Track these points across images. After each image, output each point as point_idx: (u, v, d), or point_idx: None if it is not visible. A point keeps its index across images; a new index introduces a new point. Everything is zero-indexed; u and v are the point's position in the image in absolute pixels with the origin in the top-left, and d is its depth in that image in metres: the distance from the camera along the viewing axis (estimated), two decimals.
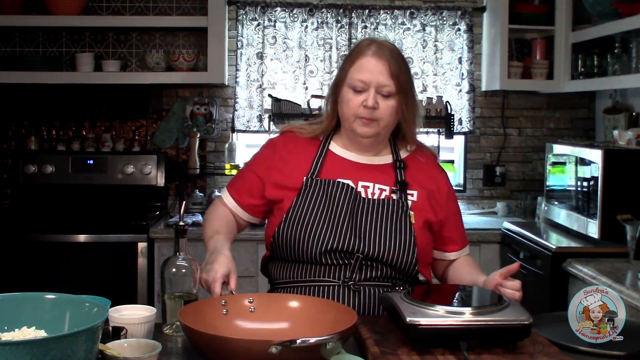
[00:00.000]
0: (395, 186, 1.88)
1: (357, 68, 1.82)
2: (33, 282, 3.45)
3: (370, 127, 1.84)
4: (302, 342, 1.29)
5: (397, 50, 1.87)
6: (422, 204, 1.88)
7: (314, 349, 1.31)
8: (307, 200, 1.85)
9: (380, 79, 1.80)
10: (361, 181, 1.88)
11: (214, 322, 1.53)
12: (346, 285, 1.79)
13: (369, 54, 1.82)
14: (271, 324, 1.59)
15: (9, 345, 1.14)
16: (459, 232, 1.99)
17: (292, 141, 1.96)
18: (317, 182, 1.87)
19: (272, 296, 1.78)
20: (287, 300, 1.65)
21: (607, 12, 3.48)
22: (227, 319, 1.57)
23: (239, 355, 1.33)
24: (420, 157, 1.96)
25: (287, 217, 1.84)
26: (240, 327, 1.57)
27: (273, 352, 1.28)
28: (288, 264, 1.87)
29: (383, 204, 1.85)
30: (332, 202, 1.84)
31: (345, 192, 1.85)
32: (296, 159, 1.92)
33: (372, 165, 1.91)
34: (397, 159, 1.93)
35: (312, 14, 4.09)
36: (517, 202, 4.23)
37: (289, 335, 1.41)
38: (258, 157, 2.01)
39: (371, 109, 1.80)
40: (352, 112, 1.83)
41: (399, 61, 1.84)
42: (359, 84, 1.81)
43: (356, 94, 1.82)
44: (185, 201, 3.97)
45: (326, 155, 1.92)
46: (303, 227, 1.82)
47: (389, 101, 1.82)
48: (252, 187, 1.95)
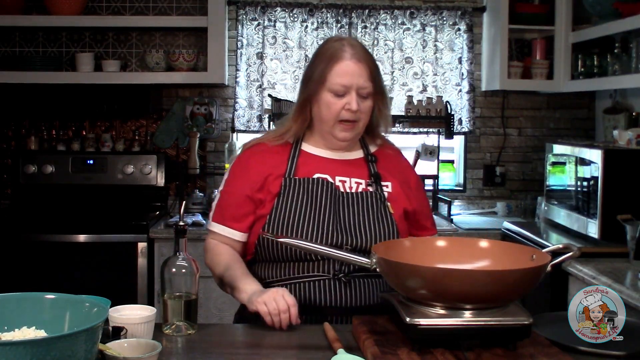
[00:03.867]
0: (369, 179, 1.93)
1: (337, 72, 1.84)
2: (33, 282, 3.45)
3: (350, 132, 1.89)
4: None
5: (368, 50, 1.92)
6: (397, 194, 1.94)
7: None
8: (289, 200, 1.86)
9: (360, 82, 1.84)
10: (338, 176, 1.92)
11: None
12: (337, 278, 1.82)
13: (347, 57, 1.84)
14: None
15: (9, 345, 1.14)
16: (430, 220, 2.05)
17: (261, 152, 1.95)
18: (296, 181, 1.89)
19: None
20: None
21: (607, 12, 3.49)
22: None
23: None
24: (388, 150, 2.03)
25: (270, 220, 1.85)
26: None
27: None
28: (276, 263, 1.87)
29: (362, 196, 1.89)
30: (313, 198, 1.86)
31: (324, 188, 1.88)
32: (270, 166, 1.91)
33: (345, 160, 1.96)
34: (368, 153, 1.98)
35: (312, 14, 4.09)
36: (517, 202, 4.23)
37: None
38: (231, 179, 1.96)
39: (354, 111, 1.84)
40: (333, 116, 1.86)
41: (374, 61, 1.90)
42: (340, 88, 1.84)
43: (337, 97, 1.85)
44: (185, 201, 3.97)
45: (299, 155, 1.94)
46: (288, 227, 1.83)
47: (367, 102, 1.87)
48: (242, 207, 1.91)
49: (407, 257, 1.60)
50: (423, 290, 1.47)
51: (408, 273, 1.48)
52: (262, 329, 1.78)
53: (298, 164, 1.92)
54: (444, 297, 1.47)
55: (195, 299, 1.71)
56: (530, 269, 1.50)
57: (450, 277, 1.44)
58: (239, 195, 1.92)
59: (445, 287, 1.44)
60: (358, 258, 1.63)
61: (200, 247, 3.53)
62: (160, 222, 3.77)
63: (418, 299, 1.50)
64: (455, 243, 1.75)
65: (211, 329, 1.78)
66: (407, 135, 4.17)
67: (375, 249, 1.60)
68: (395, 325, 1.58)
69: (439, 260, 1.63)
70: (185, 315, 1.69)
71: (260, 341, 1.66)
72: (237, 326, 1.88)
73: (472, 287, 1.43)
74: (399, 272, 1.51)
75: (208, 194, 4.16)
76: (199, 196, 4.12)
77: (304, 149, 1.95)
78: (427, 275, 1.46)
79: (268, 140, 1.97)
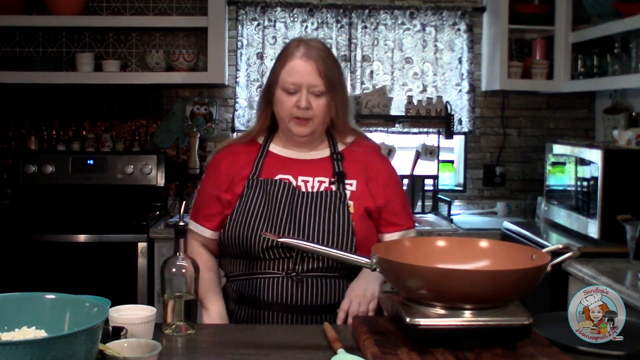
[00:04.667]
0: (333, 177, 1.95)
1: (288, 71, 1.89)
2: (33, 282, 3.45)
3: (305, 127, 1.92)
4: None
5: (325, 49, 1.94)
6: (360, 192, 1.95)
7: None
8: (249, 201, 1.92)
9: (310, 80, 1.88)
10: (301, 176, 1.96)
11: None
12: (289, 277, 1.86)
13: (298, 56, 1.89)
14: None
15: (9, 345, 1.14)
16: (400, 217, 2.01)
17: (232, 153, 2.02)
18: (258, 182, 1.95)
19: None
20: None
21: (607, 12, 3.48)
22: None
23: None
24: (359, 148, 2.02)
25: (230, 219, 1.92)
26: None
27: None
28: (237, 260, 1.96)
29: (321, 196, 1.92)
30: (271, 199, 1.91)
31: (283, 189, 1.92)
32: (237, 168, 1.98)
33: (310, 160, 1.99)
34: (334, 152, 2.00)
35: (312, 14, 4.09)
36: (517, 202, 4.23)
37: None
38: (205, 180, 2.06)
39: (304, 109, 1.88)
40: (286, 113, 1.91)
41: (327, 60, 1.91)
42: (290, 86, 1.89)
43: (289, 95, 1.90)
44: (185, 201, 3.95)
45: (266, 156, 2.00)
46: (245, 226, 1.89)
47: (321, 99, 1.90)
48: (212, 207, 1.99)
49: (407, 257, 1.60)
50: (423, 290, 1.47)
51: (408, 273, 1.48)
52: (262, 329, 1.78)
53: (263, 165, 1.97)
54: (444, 297, 1.47)
55: (195, 299, 1.71)
56: (530, 269, 1.50)
57: (450, 277, 1.44)
58: (209, 195, 2.00)
59: (445, 287, 1.44)
60: (358, 258, 1.63)
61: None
62: (160, 222, 3.77)
63: (418, 299, 1.50)
64: (455, 243, 1.76)
65: (211, 329, 1.78)
66: (407, 135, 4.17)
67: (376, 249, 1.60)
68: (395, 325, 1.58)
69: (439, 260, 1.63)
70: (185, 315, 1.69)
71: (260, 341, 1.66)
72: (237, 326, 1.88)
73: (472, 287, 1.43)
74: (399, 272, 1.51)
75: None
76: None
77: (271, 150, 2.01)
78: (427, 275, 1.46)
79: (238, 142, 2.05)
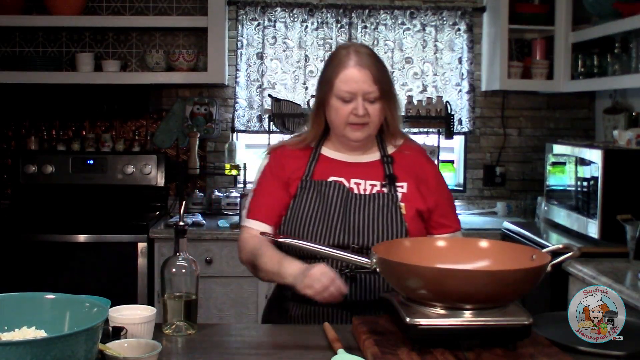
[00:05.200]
0: (384, 180, 1.98)
1: (342, 80, 1.92)
2: (33, 282, 3.45)
3: (361, 132, 1.95)
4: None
5: (374, 54, 1.97)
6: (411, 194, 1.98)
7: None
8: (303, 202, 1.96)
9: (365, 87, 1.91)
10: (353, 178, 1.99)
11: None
12: (343, 274, 1.87)
13: (351, 65, 1.92)
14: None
15: (9, 345, 1.14)
16: (449, 218, 2.06)
17: (284, 155, 2.05)
18: (311, 183, 1.98)
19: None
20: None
21: (607, 12, 3.48)
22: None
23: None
24: (407, 151, 2.06)
25: (285, 219, 1.96)
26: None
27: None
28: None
29: (374, 198, 1.95)
30: (325, 200, 1.95)
31: (337, 190, 1.96)
32: (291, 169, 2.01)
33: (362, 163, 2.02)
34: (385, 155, 2.03)
35: (312, 14, 4.09)
36: (517, 202, 4.23)
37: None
38: (263, 179, 2.05)
39: (362, 116, 1.91)
40: (342, 120, 1.94)
41: (379, 65, 1.95)
42: (346, 94, 1.91)
43: (344, 103, 1.92)
44: (185, 201, 3.97)
45: (318, 158, 2.03)
46: (300, 227, 1.93)
47: (375, 105, 1.93)
48: (272, 205, 1.99)
49: (407, 257, 1.60)
50: (423, 290, 1.47)
51: (408, 273, 1.48)
52: (261, 329, 1.78)
53: (316, 168, 2.01)
54: (444, 297, 1.47)
55: (195, 299, 1.71)
56: (530, 269, 1.50)
57: (450, 277, 1.44)
58: (267, 195, 2.01)
59: (445, 287, 1.44)
60: (358, 258, 1.64)
61: (201, 247, 3.57)
62: (160, 222, 3.77)
63: (418, 299, 1.50)
64: (455, 243, 1.76)
65: (211, 329, 1.78)
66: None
67: (376, 249, 1.60)
68: (395, 325, 1.58)
69: (439, 260, 1.63)
70: (185, 315, 1.69)
71: (260, 341, 1.66)
72: (237, 326, 1.89)
73: (472, 287, 1.43)
74: (399, 272, 1.51)
75: (208, 194, 4.16)
76: (199, 196, 4.12)
77: (323, 153, 2.04)
78: (427, 275, 1.46)
79: (291, 144, 2.06)
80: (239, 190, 4.04)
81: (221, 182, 4.23)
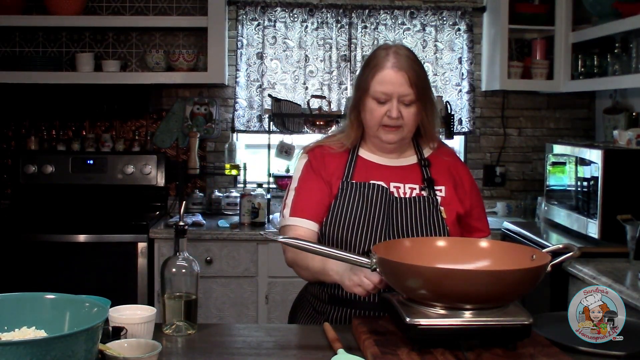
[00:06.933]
0: (423, 184, 1.97)
1: (379, 80, 1.90)
2: (33, 282, 3.45)
3: (395, 134, 1.93)
4: None
5: (413, 56, 1.94)
6: (450, 198, 1.98)
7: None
8: (345, 203, 1.94)
9: (401, 90, 1.89)
10: (392, 182, 1.97)
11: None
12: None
13: (388, 66, 1.90)
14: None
15: (9, 345, 1.14)
16: (483, 222, 2.08)
17: (323, 154, 2.02)
18: (352, 185, 1.96)
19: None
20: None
21: (607, 12, 3.48)
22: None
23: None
24: (442, 154, 2.05)
25: (326, 221, 1.94)
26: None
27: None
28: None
29: (415, 201, 1.94)
30: (368, 203, 1.93)
31: (379, 193, 1.94)
32: (331, 169, 1.99)
33: (399, 166, 2.01)
34: (422, 158, 2.02)
35: (312, 14, 4.09)
36: (517, 202, 4.23)
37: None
38: (304, 178, 2.01)
39: (395, 118, 1.90)
40: (376, 122, 1.93)
41: (416, 68, 1.92)
42: (381, 96, 1.90)
43: (379, 104, 1.91)
44: (185, 201, 3.98)
45: (357, 160, 2.01)
46: (343, 229, 1.91)
47: (411, 108, 1.91)
48: (316, 203, 1.96)
49: (407, 257, 1.60)
50: (423, 290, 1.47)
51: (408, 273, 1.48)
52: (261, 329, 1.78)
53: (355, 170, 1.99)
54: (444, 297, 1.47)
55: (195, 299, 1.71)
56: (530, 269, 1.50)
57: (450, 277, 1.44)
58: (312, 192, 1.98)
59: (445, 287, 1.44)
60: (358, 258, 1.63)
61: (201, 247, 3.57)
62: (160, 222, 3.77)
63: (418, 299, 1.50)
64: (455, 243, 1.76)
65: (211, 329, 1.78)
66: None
67: (376, 249, 1.60)
68: (395, 325, 1.58)
69: (439, 260, 1.63)
70: (185, 315, 1.69)
71: (260, 341, 1.66)
72: (237, 326, 1.89)
73: (472, 287, 1.43)
74: (399, 272, 1.51)
75: (208, 194, 4.16)
76: (199, 196, 4.12)
77: (360, 155, 2.02)
78: (427, 275, 1.46)
79: (329, 144, 2.04)
80: (239, 190, 4.04)
81: (221, 182, 4.23)
